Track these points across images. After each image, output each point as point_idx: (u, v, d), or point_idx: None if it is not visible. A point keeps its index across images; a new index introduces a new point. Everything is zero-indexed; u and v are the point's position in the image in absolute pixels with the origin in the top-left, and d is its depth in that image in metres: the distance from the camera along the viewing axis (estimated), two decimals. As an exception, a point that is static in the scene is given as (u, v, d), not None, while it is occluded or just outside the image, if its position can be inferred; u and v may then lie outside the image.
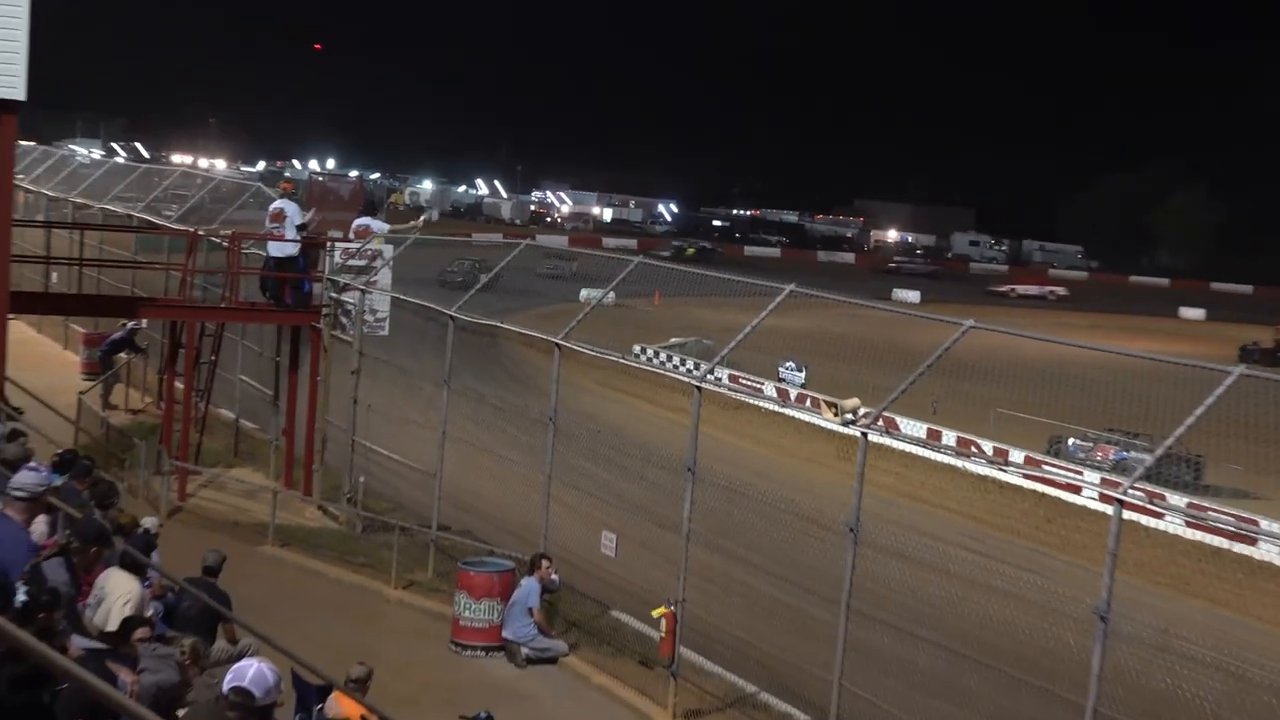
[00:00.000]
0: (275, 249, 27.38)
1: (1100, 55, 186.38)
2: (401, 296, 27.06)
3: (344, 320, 26.82)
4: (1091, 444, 30.98)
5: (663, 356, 39.57)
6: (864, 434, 16.70)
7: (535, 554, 21.02)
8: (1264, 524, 20.98)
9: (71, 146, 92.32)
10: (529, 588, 20.49)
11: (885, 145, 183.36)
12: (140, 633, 12.36)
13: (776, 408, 29.30)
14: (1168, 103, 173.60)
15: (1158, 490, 18.15)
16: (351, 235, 28.05)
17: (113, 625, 12.12)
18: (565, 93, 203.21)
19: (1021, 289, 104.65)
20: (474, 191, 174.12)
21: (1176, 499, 18.60)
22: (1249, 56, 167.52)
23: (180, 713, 11.67)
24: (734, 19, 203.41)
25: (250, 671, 8.59)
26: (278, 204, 28.01)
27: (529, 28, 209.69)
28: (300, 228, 27.30)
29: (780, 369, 39.60)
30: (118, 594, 12.42)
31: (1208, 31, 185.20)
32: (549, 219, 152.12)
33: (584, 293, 30.35)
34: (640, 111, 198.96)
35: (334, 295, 26.87)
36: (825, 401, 19.37)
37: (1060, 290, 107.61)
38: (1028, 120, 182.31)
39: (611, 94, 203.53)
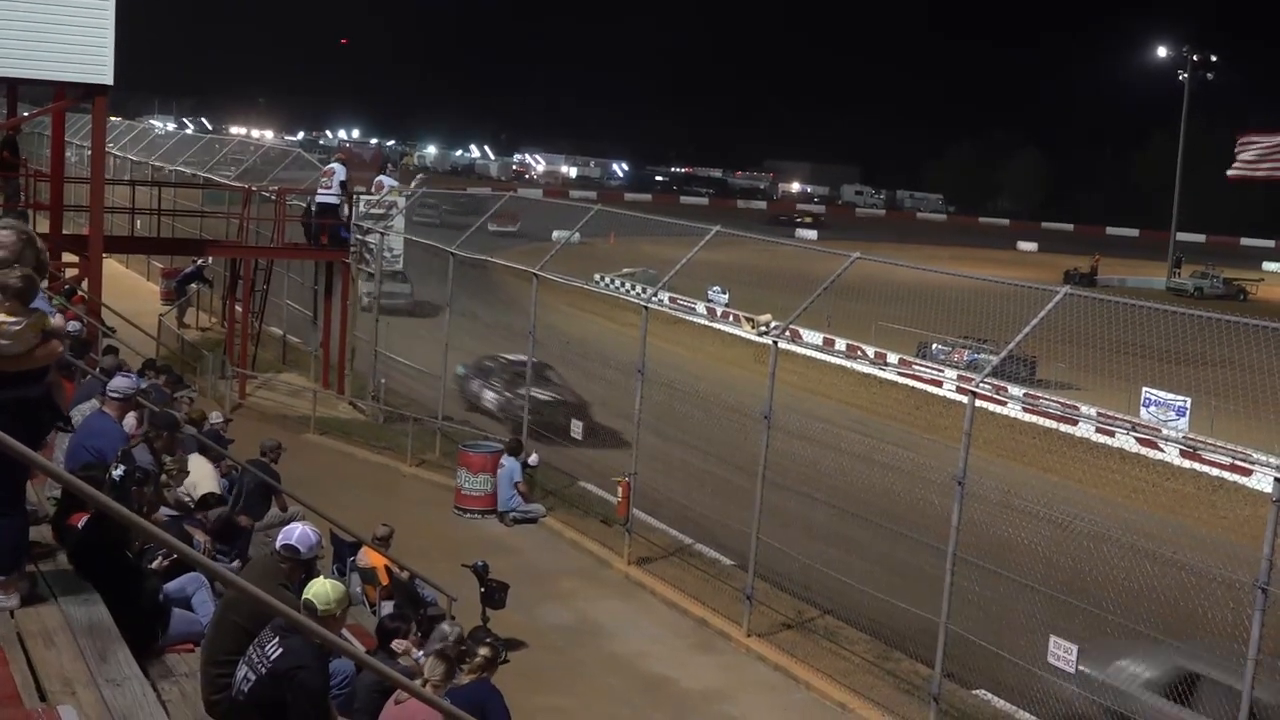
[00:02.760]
0: (321, 197, 27.22)
1: (950, 48, 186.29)
2: (413, 237, 26.85)
3: (367, 256, 26.67)
4: (950, 348, 31.01)
5: (617, 283, 39.37)
6: (775, 342, 16.67)
7: (513, 439, 21.01)
8: (1083, 409, 21.06)
9: (150, 121, 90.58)
10: (511, 466, 20.45)
11: (790, 117, 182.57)
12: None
13: (706, 323, 29.18)
14: (1005, 84, 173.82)
15: (1001, 384, 18.10)
16: (372, 190, 27.83)
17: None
18: (540, 76, 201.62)
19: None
20: (468, 154, 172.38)
21: (1016, 390, 18.57)
22: (1062, 50, 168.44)
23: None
24: (673, 23, 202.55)
25: (296, 532, 8.51)
26: (330, 165, 28.03)
27: (516, 24, 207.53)
28: (343, 184, 27.07)
29: (709, 292, 39.43)
30: (195, 479, 12.42)
31: (1030, 29, 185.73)
32: (527, 176, 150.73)
33: (555, 233, 30.10)
34: (599, 92, 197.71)
35: (359, 237, 26.72)
36: (745, 317, 19.27)
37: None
38: (900, 98, 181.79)
39: (576, 78, 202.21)
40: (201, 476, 12.80)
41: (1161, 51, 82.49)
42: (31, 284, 7.40)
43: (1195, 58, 77.71)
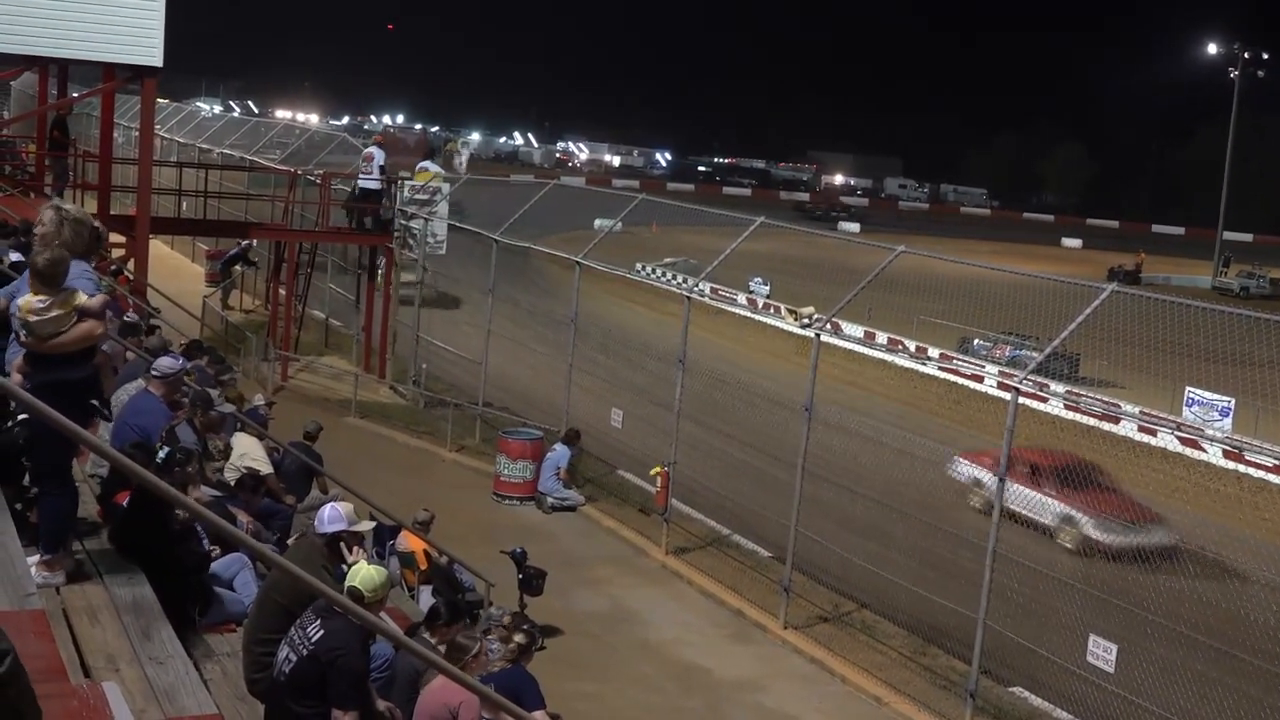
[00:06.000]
0: (363, 182, 27.27)
1: (995, 40, 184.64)
2: (456, 223, 26.91)
3: (411, 241, 26.74)
4: (992, 344, 30.77)
5: (659, 272, 39.32)
6: (817, 335, 16.62)
7: (571, 428, 21.03)
8: (1125, 407, 20.90)
9: (197, 103, 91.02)
10: (562, 452, 20.50)
11: (833, 108, 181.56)
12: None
13: (748, 314, 29.14)
14: (1050, 77, 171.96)
15: (1043, 380, 18.01)
16: (416, 176, 27.90)
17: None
18: (584, 64, 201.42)
19: None
20: (512, 142, 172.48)
21: (1058, 387, 18.48)
22: (1109, 43, 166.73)
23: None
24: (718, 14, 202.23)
25: (327, 512, 8.57)
26: (369, 149, 27.89)
27: (559, 14, 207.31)
28: (382, 169, 27.05)
29: (750, 283, 39.37)
30: (242, 451, 12.55)
31: (1077, 21, 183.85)
32: (570, 164, 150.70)
33: (597, 222, 30.07)
34: (643, 81, 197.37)
35: (403, 222, 26.80)
36: (787, 309, 19.23)
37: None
38: (942, 90, 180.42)
39: (621, 66, 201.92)
40: (248, 448, 12.95)
41: (1211, 48, 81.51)
42: (57, 265, 7.44)
43: (1246, 54, 76.78)
